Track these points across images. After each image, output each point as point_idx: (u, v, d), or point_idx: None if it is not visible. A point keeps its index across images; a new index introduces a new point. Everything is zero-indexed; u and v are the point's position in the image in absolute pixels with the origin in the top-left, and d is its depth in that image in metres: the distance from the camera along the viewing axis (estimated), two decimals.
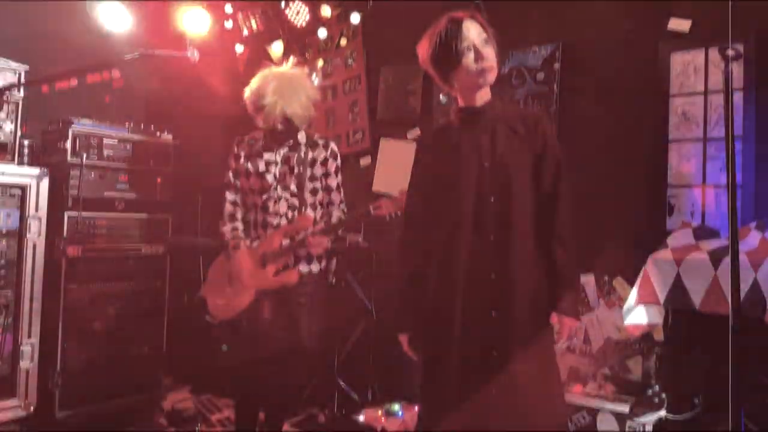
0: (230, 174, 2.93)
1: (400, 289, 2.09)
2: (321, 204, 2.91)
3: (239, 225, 2.90)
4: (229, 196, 2.93)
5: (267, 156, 2.86)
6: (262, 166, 2.85)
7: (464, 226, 1.91)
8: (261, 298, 2.78)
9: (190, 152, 3.97)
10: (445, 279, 1.94)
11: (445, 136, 2.07)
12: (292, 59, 3.03)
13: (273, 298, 2.78)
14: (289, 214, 2.83)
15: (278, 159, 2.86)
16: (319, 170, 2.88)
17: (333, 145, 2.94)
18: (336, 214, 2.89)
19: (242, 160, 2.89)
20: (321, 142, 2.92)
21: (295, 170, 2.83)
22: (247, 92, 2.84)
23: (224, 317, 2.84)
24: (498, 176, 1.92)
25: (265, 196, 2.83)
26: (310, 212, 2.84)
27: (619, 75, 3.08)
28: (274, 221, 2.81)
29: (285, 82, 2.80)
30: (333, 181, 2.91)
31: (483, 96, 2.00)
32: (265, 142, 2.89)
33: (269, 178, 2.83)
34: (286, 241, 2.78)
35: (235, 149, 2.93)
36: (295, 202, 2.83)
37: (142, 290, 3.53)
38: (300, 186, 2.83)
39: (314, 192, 2.88)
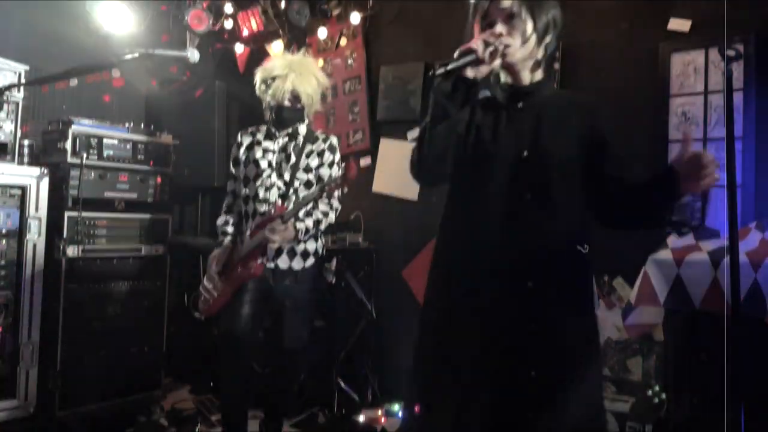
0: (231, 163, 2.96)
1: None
2: None
3: (231, 218, 2.88)
4: (228, 186, 2.95)
5: (266, 144, 2.86)
6: (259, 153, 2.83)
7: (492, 225, 1.62)
8: (242, 295, 2.71)
9: (190, 152, 3.97)
10: (467, 288, 1.64)
11: (483, 111, 1.74)
12: (303, 49, 3.04)
13: (254, 297, 2.72)
14: (279, 204, 2.76)
15: (276, 147, 2.84)
16: (314, 161, 2.84)
17: (333, 140, 2.91)
18: (322, 208, 2.78)
19: (243, 149, 2.90)
20: (321, 136, 2.90)
21: (291, 159, 2.81)
22: (258, 72, 2.85)
23: (208, 314, 2.84)
24: (537, 169, 1.61)
25: (258, 183, 2.80)
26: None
27: (619, 75, 3.09)
28: (262, 208, 2.76)
29: (296, 61, 2.84)
30: (326, 172, 2.84)
31: (530, 74, 1.71)
32: (267, 130, 2.89)
33: (263, 164, 2.81)
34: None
35: (239, 138, 2.94)
36: (288, 192, 2.78)
37: (142, 290, 3.52)
38: (293, 176, 2.79)
39: (308, 184, 2.82)
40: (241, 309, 2.71)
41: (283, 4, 4.14)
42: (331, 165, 2.86)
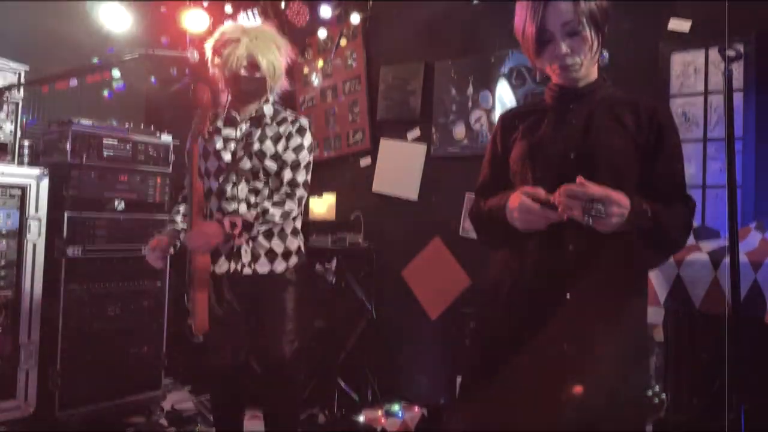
0: (186, 155, 2.52)
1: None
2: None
3: (182, 207, 2.58)
4: (186, 180, 2.53)
5: (226, 132, 2.49)
6: (219, 144, 2.47)
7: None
8: (227, 303, 2.50)
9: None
10: (513, 296, 1.62)
11: (532, 115, 1.70)
12: (260, 19, 2.68)
13: (237, 302, 2.51)
14: (251, 199, 2.45)
15: (238, 135, 2.48)
16: (280, 146, 2.47)
17: (303, 121, 2.53)
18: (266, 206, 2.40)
19: (200, 139, 2.51)
20: (290, 117, 2.53)
21: (255, 146, 2.44)
22: (208, 44, 2.50)
23: (202, 331, 2.44)
24: (586, 170, 1.49)
25: (221, 179, 2.46)
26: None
27: (619, 75, 3.07)
28: (230, 207, 2.44)
29: (252, 27, 2.51)
30: (290, 157, 2.47)
31: (584, 75, 1.63)
32: (227, 114, 2.51)
33: (226, 157, 2.45)
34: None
35: (193, 126, 2.49)
36: (257, 185, 2.46)
37: (142, 290, 3.53)
38: (258, 165, 2.44)
39: (274, 172, 2.48)
40: (227, 320, 2.50)
41: (282, 5, 4.14)
42: (296, 149, 2.48)
